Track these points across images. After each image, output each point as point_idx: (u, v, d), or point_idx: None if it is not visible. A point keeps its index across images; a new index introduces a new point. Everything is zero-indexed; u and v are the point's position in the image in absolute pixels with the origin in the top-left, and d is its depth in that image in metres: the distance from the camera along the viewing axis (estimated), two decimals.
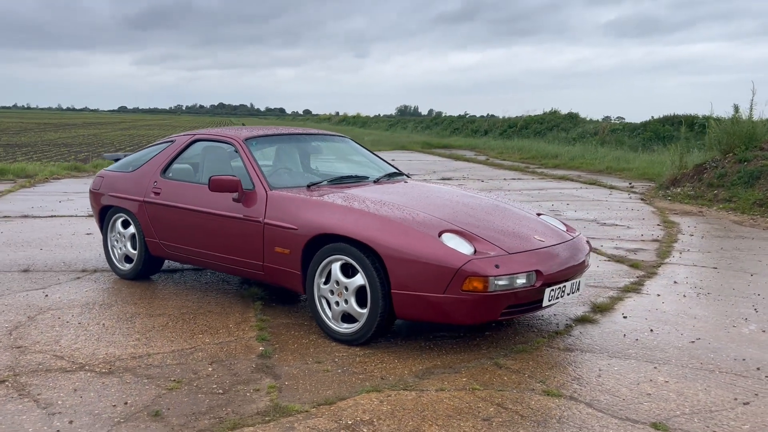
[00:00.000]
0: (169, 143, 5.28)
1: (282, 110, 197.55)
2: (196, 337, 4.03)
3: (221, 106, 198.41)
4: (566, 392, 3.30)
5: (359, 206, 4.03)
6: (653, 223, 8.66)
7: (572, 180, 14.20)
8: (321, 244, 4.03)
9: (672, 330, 4.32)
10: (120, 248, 5.36)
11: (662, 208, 10.11)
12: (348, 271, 3.92)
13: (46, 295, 4.83)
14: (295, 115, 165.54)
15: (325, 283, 4.02)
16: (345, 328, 3.95)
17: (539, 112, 32.69)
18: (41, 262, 5.82)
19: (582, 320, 4.49)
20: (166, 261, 5.54)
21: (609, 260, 6.41)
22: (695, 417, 3.07)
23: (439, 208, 4.19)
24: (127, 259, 5.33)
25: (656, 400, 3.24)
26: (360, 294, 3.88)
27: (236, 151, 4.73)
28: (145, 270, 5.25)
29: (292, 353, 3.79)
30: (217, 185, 4.38)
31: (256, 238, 4.34)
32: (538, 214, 4.56)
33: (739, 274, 5.87)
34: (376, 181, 4.91)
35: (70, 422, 2.91)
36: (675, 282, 5.60)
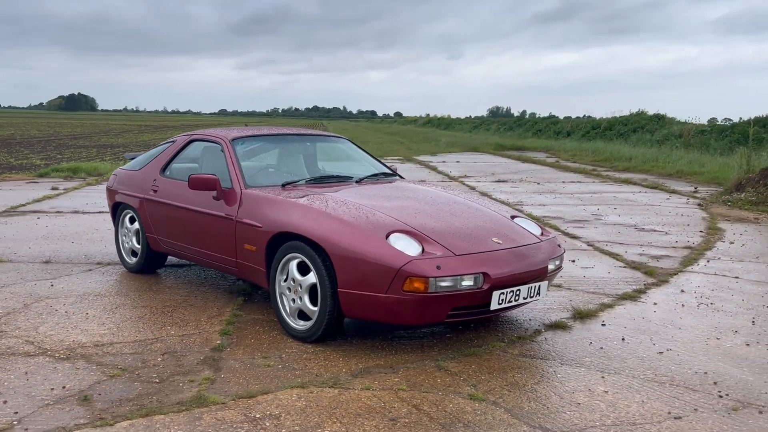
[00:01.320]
0: (171, 143, 5.52)
1: (373, 113, 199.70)
2: (164, 329, 4.20)
3: (315, 108, 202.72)
4: (491, 397, 3.24)
5: (318, 206, 4.08)
6: (696, 229, 8.24)
7: (635, 184, 13.67)
8: (282, 241, 4.12)
9: (646, 340, 4.14)
10: (127, 243, 5.65)
11: (717, 214, 9.59)
12: (304, 269, 3.99)
13: (52, 285, 5.15)
14: (385, 117, 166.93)
15: (285, 280, 4.10)
16: (300, 325, 4.02)
17: (626, 113, 31.63)
18: (65, 255, 6.20)
19: (555, 326, 4.37)
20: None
21: (625, 267, 6.17)
22: (613, 429, 2.94)
23: (403, 208, 4.18)
24: (134, 253, 5.61)
25: (582, 410, 3.13)
26: (313, 292, 3.94)
27: (222, 151, 4.90)
28: (147, 264, 5.51)
29: (245, 348, 3.90)
30: (195, 183, 4.55)
31: (230, 234, 4.48)
32: (512, 217, 4.46)
33: (760, 286, 5.53)
34: (359, 182, 4.95)
35: (4, 402, 3.12)
36: (682, 291, 5.34)
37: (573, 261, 6.35)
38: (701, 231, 8.13)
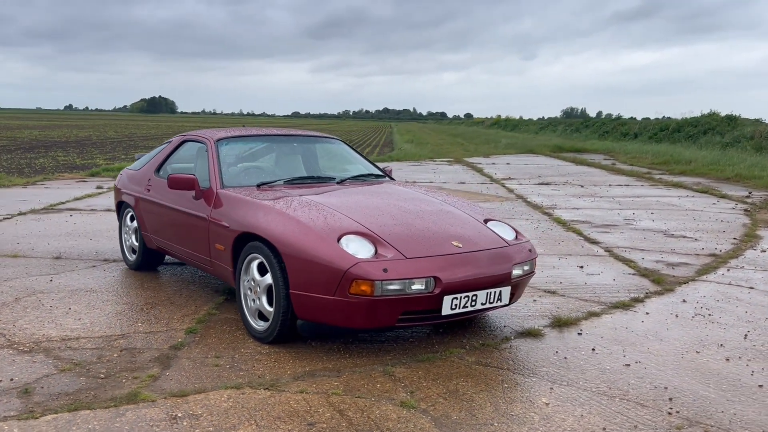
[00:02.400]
0: (168, 143, 5.64)
1: (443, 114, 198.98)
2: (135, 326, 4.28)
3: (385, 110, 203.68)
4: (423, 405, 3.15)
5: (280, 207, 4.07)
6: (730, 236, 7.82)
7: (685, 187, 13.11)
8: (247, 242, 4.13)
9: (618, 351, 3.94)
10: (128, 240, 5.80)
11: (761, 220, 9.09)
12: (264, 269, 3.99)
13: (51, 281, 5.34)
14: (455, 118, 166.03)
15: (248, 280, 4.11)
16: (260, 325, 4.02)
17: (697, 114, 30.39)
18: (78, 251, 6.42)
19: (527, 334, 4.22)
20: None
21: (635, 274, 5.91)
22: None
23: (368, 210, 4.12)
24: (134, 250, 5.75)
25: (513, 422, 3.00)
26: (270, 293, 3.93)
27: (206, 151, 4.96)
28: (145, 261, 5.63)
29: (203, 347, 3.92)
30: (173, 183, 4.62)
31: (205, 234, 4.53)
32: (486, 221, 4.33)
33: None
34: (340, 183, 4.91)
35: None
36: (684, 301, 5.06)
37: (581, 267, 6.13)
38: (735, 238, 7.70)
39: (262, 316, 4.03)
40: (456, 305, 3.69)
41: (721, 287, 5.49)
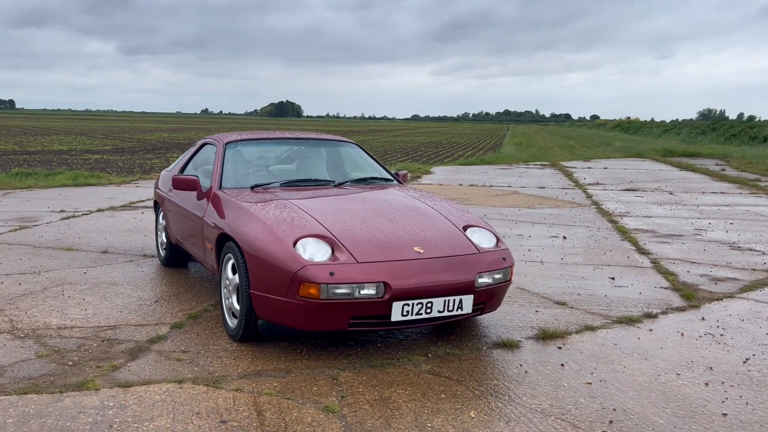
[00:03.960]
0: (193, 146, 5.91)
1: (567, 116, 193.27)
2: (128, 318, 4.52)
3: (506, 113, 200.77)
4: (346, 411, 3.13)
5: (255, 208, 4.17)
6: None
7: None
8: (226, 241, 4.26)
9: (589, 368, 3.73)
10: (161, 238, 6.13)
11: None
12: (234, 269, 4.10)
13: (84, 273, 5.75)
14: (579, 120, 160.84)
15: (225, 279, 4.24)
16: (233, 323, 4.14)
17: None
18: (125, 247, 6.86)
19: (502, 345, 4.07)
20: None
21: (668, 288, 5.54)
22: None
23: (342, 213, 4.14)
24: (164, 247, 6.07)
25: None
26: (239, 292, 4.04)
27: (215, 153, 5.16)
28: (171, 258, 5.92)
29: (178, 341, 4.09)
30: (177, 183, 4.84)
31: (201, 233, 4.72)
32: (466, 227, 4.21)
33: None
34: (337, 186, 4.95)
35: None
36: (702, 318, 4.70)
37: (612, 279, 5.82)
38: None
39: (234, 314, 4.15)
40: (408, 312, 3.63)
41: (756, 306, 5.03)
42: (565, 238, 7.75)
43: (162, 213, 6.06)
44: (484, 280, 3.87)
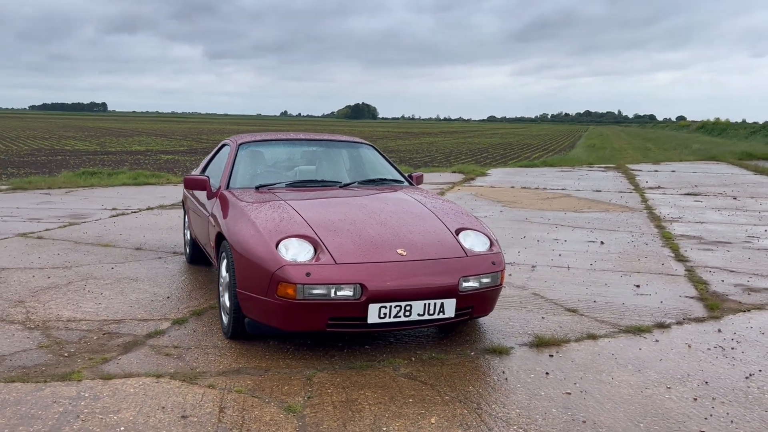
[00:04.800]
0: (216, 147, 6.05)
1: (652, 117, 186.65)
2: (135, 313, 4.67)
3: (587, 113, 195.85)
4: (307, 412, 3.13)
5: (250, 208, 4.22)
6: None
7: None
8: (222, 240, 4.34)
9: (573, 378, 3.60)
10: (186, 235, 6.31)
11: None
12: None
13: (112, 268, 5.97)
14: (665, 121, 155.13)
15: (221, 276, 4.32)
16: (225, 320, 4.21)
17: None
18: (159, 244, 7.09)
19: (493, 351, 3.98)
20: None
21: (693, 297, 5.29)
22: None
23: (334, 214, 4.14)
24: (188, 245, 6.24)
25: None
26: (229, 290, 4.10)
27: (228, 153, 5.26)
28: (193, 255, 6.07)
29: (175, 337, 4.18)
30: (188, 183, 4.98)
31: (208, 231, 4.83)
32: (459, 230, 4.13)
33: None
34: (343, 187, 4.96)
35: None
36: (719, 330, 4.47)
37: (637, 286, 5.60)
38: None
39: (227, 312, 4.21)
40: (385, 314, 3.60)
41: None
42: (602, 243, 7.50)
43: (186, 212, 6.23)
44: (470, 284, 3.79)
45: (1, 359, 3.77)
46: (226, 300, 4.14)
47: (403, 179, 5.34)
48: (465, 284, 3.77)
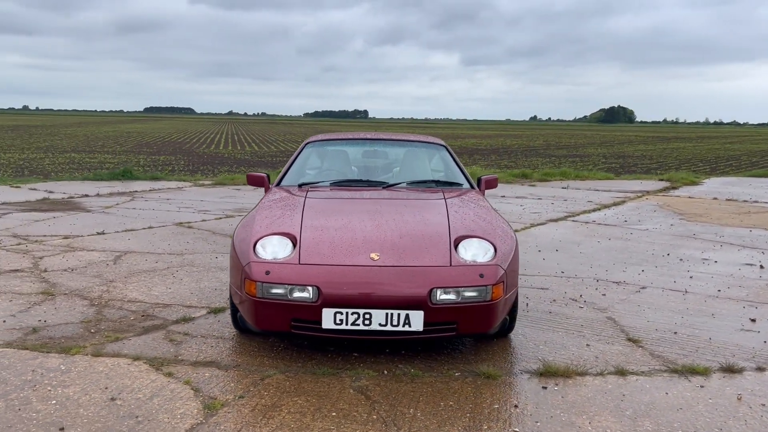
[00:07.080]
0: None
1: None
2: (188, 300, 4.92)
3: None
4: (225, 410, 3.07)
5: (264, 205, 4.25)
6: None
7: None
8: None
9: (543, 416, 3.07)
10: None
11: None
12: None
13: (216, 257, 6.38)
14: None
15: None
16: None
17: None
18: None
19: (480, 374, 3.55)
20: None
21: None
22: None
23: (336, 213, 4.05)
24: None
25: None
26: None
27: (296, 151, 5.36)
28: None
29: (195, 325, 4.32)
30: (249, 179, 5.16)
31: None
32: (462, 238, 3.73)
33: None
34: (387, 188, 4.77)
35: None
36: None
37: (753, 320, 4.64)
38: None
39: None
40: (341, 321, 3.38)
41: None
42: (762, 267, 6.28)
43: None
44: (447, 296, 3.41)
45: (41, 328, 4.23)
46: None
47: (464, 182, 4.98)
48: (442, 296, 3.40)
